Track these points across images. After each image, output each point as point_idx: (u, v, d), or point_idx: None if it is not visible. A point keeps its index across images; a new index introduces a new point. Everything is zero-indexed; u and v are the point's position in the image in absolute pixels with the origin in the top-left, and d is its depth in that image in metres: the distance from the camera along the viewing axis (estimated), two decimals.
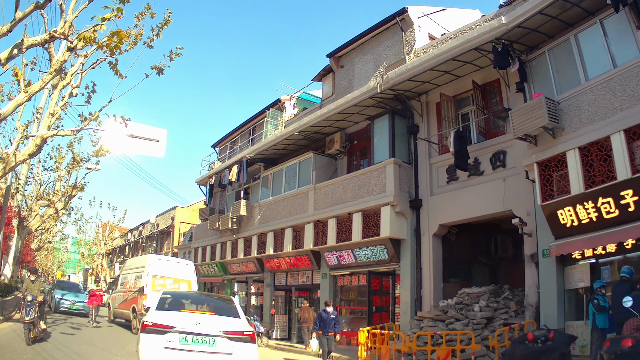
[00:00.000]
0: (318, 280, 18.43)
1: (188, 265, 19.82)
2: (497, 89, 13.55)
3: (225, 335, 7.06)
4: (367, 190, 15.53)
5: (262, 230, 21.06)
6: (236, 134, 28.31)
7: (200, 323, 7.06)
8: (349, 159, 18.64)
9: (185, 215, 38.39)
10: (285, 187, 20.25)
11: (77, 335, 14.44)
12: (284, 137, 19.68)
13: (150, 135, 13.08)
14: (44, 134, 11.74)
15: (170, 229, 38.80)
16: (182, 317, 7.30)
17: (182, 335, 6.88)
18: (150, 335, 6.89)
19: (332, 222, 16.62)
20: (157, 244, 41.53)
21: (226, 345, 7.02)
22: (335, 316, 12.52)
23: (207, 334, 6.99)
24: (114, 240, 54.26)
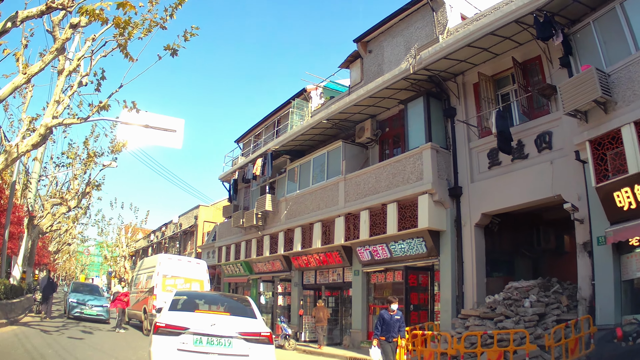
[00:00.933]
0: (349, 278, 17.96)
1: (200, 264, 20.11)
2: (539, 66, 12.96)
3: (242, 336, 7.00)
4: (403, 178, 14.95)
5: (289, 226, 20.69)
6: (260, 127, 28.08)
7: (216, 324, 7.00)
8: (381, 148, 18.15)
9: (208, 214, 38.38)
10: (313, 179, 19.87)
11: (86, 339, 13.72)
12: (310, 127, 19.26)
13: (167, 125, 12.91)
14: (49, 122, 11.51)
15: (193, 229, 38.91)
16: (197, 317, 7.26)
17: (197, 336, 6.83)
18: (163, 337, 6.82)
19: (365, 214, 16.06)
20: (181, 244, 41.71)
21: (242, 347, 6.95)
22: (400, 317, 10.44)
23: (222, 336, 6.92)
24: (137, 242, 54.48)
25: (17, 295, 17.84)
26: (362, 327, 16.84)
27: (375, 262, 16.32)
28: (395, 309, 10.36)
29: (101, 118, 14.41)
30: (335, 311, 19.50)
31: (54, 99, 12.21)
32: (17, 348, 10.61)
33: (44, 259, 35.09)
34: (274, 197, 22.25)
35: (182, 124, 13.15)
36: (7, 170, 15.29)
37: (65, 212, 22.34)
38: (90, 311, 20.26)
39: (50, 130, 12.13)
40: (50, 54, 9.83)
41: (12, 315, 15.80)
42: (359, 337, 16.80)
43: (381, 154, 17.89)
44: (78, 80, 12.94)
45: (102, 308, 20.92)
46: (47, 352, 10.44)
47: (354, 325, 17.25)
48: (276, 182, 23.51)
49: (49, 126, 11.59)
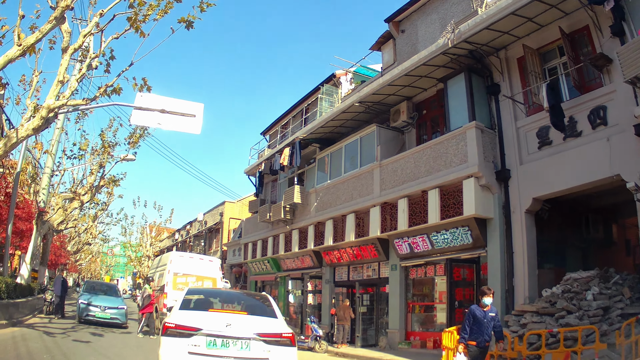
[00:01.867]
0: (386, 273, 17.09)
1: (213, 262, 20.22)
2: (587, 37, 12.03)
3: (261, 337, 6.49)
4: (445, 162, 14.05)
5: (319, 219, 19.95)
6: (287, 117, 27.53)
7: (232, 324, 6.49)
8: (418, 132, 17.31)
9: (234, 211, 38.03)
10: (345, 167, 19.05)
11: (93, 343, 12.56)
12: (341, 111, 18.46)
13: (186, 110, 12.31)
14: (51, 104, 10.82)
15: (219, 226, 38.59)
16: (210, 317, 6.79)
17: (210, 338, 6.33)
18: (173, 338, 6.35)
19: (403, 202, 15.17)
20: (206, 242, 41.53)
21: (262, 350, 6.46)
22: (495, 314, 8.40)
23: (239, 337, 6.42)
24: (161, 241, 54.56)
25: (24, 295, 17.34)
26: (400, 327, 15.91)
27: (415, 255, 15.37)
28: (490, 303, 8.35)
29: (113, 103, 13.85)
30: (370, 310, 18.59)
31: (58, 78, 11.57)
32: (9, 352, 9.75)
33: (61, 258, 35.06)
34: (302, 188, 21.53)
35: (201, 109, 12.61)
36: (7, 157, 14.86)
37: (78, 206, 21.68)
38: (103, 314, 17.70)
39: (55, 113, 11.57)
40: (49, 24, 9.18)
41: (16, 316, 15.23)
42: (396, 337, 15.86)
43: (418, 139, 16.99)
44: (87, 62, 12.36)
45: (117, 310, 18.16)
46: (42, 357, 9.55)
47: (391, 324, 16.33)
48: (305, 173, 22.88)
49: (51, 108, 10.89)
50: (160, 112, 12.15)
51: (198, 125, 12.45)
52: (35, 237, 18.70)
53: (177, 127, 12.46)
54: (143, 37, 11.19)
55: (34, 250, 18.78)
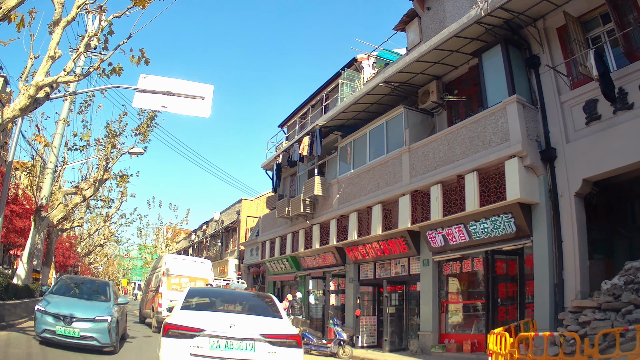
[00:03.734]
0: (417, 270, 15.97)
1: (205, 263, 21.57)
2: (632, 2, 10.89)
3: (266, 339, 6.41)
4: (483, 141, 12.92)
5: (342, 212, 18.92)
6: (306, 107, 26.66)
7: (236, 325, 6.39)
8: (449, 114, 16.23)
9: (252, 208, 37.40)
10: (370, 154, 18.03)
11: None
12: (365, 93, 17.40)
13: (193, 92, 11.92)
14: (40, 80, 10.13)
15: (235, 225, 38.01)
16: (213, 318, 6.73)
17: (214, 339, 6.21)
18: (175, 339, 6.20)
19: (436, 189, 14.03)
20: (222, 242, 41.11)
21: (267, 351, 6.37)
22: None
23: (244, 338, 6.32)
24: (178, 243, 54.13)
25: (20, 297, 16.46)
26: (433, 329, 14.72)
27: (450, 249, 14.17)
28: None
29: (114, 86, 13.28)
30: (399, 310, 17.41)
31: (49, 54, 10.78)
32: None
33: (70, 260, 34.54)
34: (323, 179, 20.55)
35: (210, 90, 12.11)
36: None
37: (80, 202, 20.56)
38: (67, 329, 10.51)
39: (47, 94, 10.78)
40: None
41: (8, 319, 14.19)
42: (429, 340, 14.67)
43: (450, 121, 15.88)
44: (85, 41, 11.58)
45: (92, 324, 10.79)
46: None
47: (423, 326, 15.14)
48: (326, 163, 21.94)
49: (40, 85, 10.15)
50: (165, 95, 11.69)
51: (207, 108, 11.98)
52: (33, 234, 17.75)
53: (184, 110, 12.04)
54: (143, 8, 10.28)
55: (32, 248, 17.79)
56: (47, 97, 10.97)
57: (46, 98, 10.94)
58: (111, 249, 59.47)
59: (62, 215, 19.57)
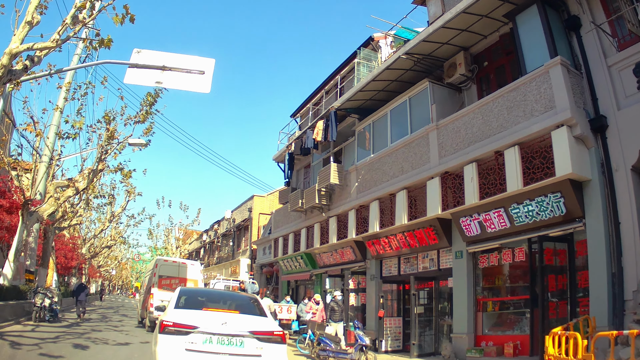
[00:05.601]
0: (448, 263, 14.52)
1: (194, 265, 22.80)
2: None
3: (254, 335, 7.06)
4: (524, 111, 11.56)
5: (361, 202, 17.69)
6: (319, 93, 25.35)
7: (227, 322, 7.03)
8: (479, 88, 14.95)
9: (264, 205, 36.64)
10: (392, 135, 16.75)
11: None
12: (385, 68, 16.06)
13: (192, 66, 11.38)
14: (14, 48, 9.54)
15: (247, 223, 37.22)
16: (206, 316, 7.29)
17: (207, 335, 6.83)
18: (170, 336, 6.78)
19: (471, 169, 12.61)
20: (234, 241, 40.34)
21: (255, 346, 7.02)
22: None
23: (234, 335, 6.95)
24: (190, 244, 53.41)
25: (5, 298, 15.52)
26: (469, 330, 13.22)
27: (487, 237, 12.67)
28: None
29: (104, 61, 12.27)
30: (428, 310, 15.94)
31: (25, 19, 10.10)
32: None
33: (72, 261, 33.61)
34: (340, 166, 19.32)
35: (211, 65, 11.54)
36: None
37: (72, 195, 19.23)
38: None
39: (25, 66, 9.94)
40: None
41: None
42: (463, 343, 13.16)
43: (480, 96, 14.50)
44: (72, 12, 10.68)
45: None
46: None
47: (456, 327, 13.65)
48: (342, 150, 20.77)
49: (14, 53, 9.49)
50: (161, 70, 11.11)
51: (207, 83, 11.53)
52: (20, 230, 16.55)
53: (181, 86, 11.54)
54: None
55: (19, 245, 16.60)
56: (25, 70, 10.23)
57: (24, 71, 10.20)
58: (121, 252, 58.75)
59: (52, 210, 18.37)
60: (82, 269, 42.42)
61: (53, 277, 29.51)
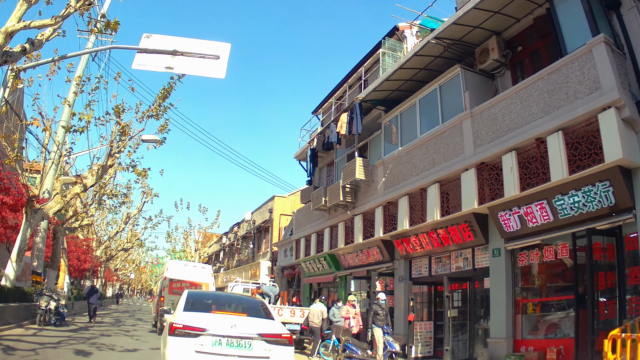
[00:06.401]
0: (484, 262, 13.91)
1: (205, 268, 23.84)
2: None
3: (263, 337, 7.31)
4: (566, 94, 10.98)
5: (389, 198, 17.19)
6: (342, 88, 25.10)
7: (236, 325, 7.30)
8: (514, 74, 14.47)
9: (285, 206, 36.53)
10: (422, 127, 16.24)
11: None
12: (413, 54, 15.54)
13: (206, 51, 11.21)
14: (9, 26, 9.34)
15: (268, 224, 37.17)
16: (215, 318, 7.62)
17: (216, 338, 7.10)
18: (180, 338, 7.03)
19: (509, 158, 12.07)
20: (255, 244, 40.41)
21: (263, 349, 7.26)
22: None
23: (243, 337, 7.21)
24: (210, 247, 53.49)
25: (7, 300, 15.30)
26: (507, 334, 12.57)
27: (528, 233, 12.07)
28: None
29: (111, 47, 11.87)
30: (462, 313, 15.34)
31: None
32: None
33: (85, 264, 33.58)
34: (366, 160, 18.87)
35: (227, 49, 11.35)
36: None
37: (80, 192, 18.46)
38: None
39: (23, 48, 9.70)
40: None
41: None
42: (501, 349, 12.51)
43: (515, 83, 13.90)
44: None
45: None
46: None
47: (494, 331, 13.01)
48: (368, 145, 20.37)
49: (10, 31, 9.29)
50: (171, 55, 10.93)
51: (222, 68, 11.21)
52: (24, 228, 16.24)
53: (194, 71, 11.37)
54: None
55: (22, 245, 16.26)
56: (23, 52, 10.00)
57: (22, 53, 9.99)
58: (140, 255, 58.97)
59: (59, 207, 17.86)
60: (97, 271, 42.50)
61: (65, 280, 29.40)
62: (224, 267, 49.70)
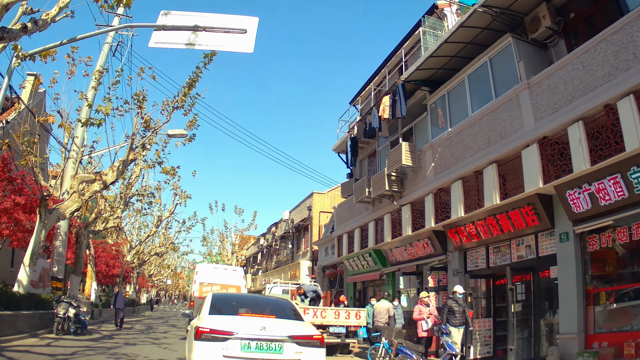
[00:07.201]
0: (549, 249, 13.15)
1: (237, 271, 24.32)
2: None
3: (293, 339, 7.29)
4: (634, 54, 10.33)
5: (440, 184, 16.68)
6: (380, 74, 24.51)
7: (266, 327, 7.27)
8: (568, 42, 13.84)
9: (324, 203, 36.51)
10: (473, 104, 15.69)
11: None
12: (459, 26, 14.93)
13: (232, 25, 10.82)
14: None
15: (307, 223, 37.17)
16: (243, 321, 7.67)
17: (245, 341, 7.09)
18: (208, 342, 7.05)
19: (576, 129, 11.32)
20: (293, 244, 40.47)
21: (294, 351, 7.25)
22: None
23: (273, 340, 7.20)
24: (247, 249, 53.79)
25: (18, 307, 14.87)
26: (578, 329, 11.75)
27: (599, 213, 11.29)
28: None
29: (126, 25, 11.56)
30: (526, 306, 14.65)
31: None
32: None
33: (114, 269, 33.70)
34: (412, 145, 18.39)
35: (254, 23, 10.97)
36: None
37: (99, 189, 17.80)
38: None
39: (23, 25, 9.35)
40: None
41: None
42: (572, 346, 11.72)
43: (570, 51, 13.18)
44: None
45: None
46: None
47: (563, 326, 12.23)
48: (413, 130, 20.03)
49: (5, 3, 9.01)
50: (192, 31, 10.63)
51: (250, 42, 10.85)
52: (38, 230, 15.80)
53: (219, 46, 11.16)
54: None
55: (36, 247, 15.80)
56: (24, 31, 9.48)
57: (22, 31, 9.47)
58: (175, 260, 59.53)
59: (76, 207, 17.25)
60: (127, 277, 42.82)
61: (92, 286, 29.43)
62: (262, 270, 49.90)
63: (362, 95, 26.77)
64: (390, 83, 21.68)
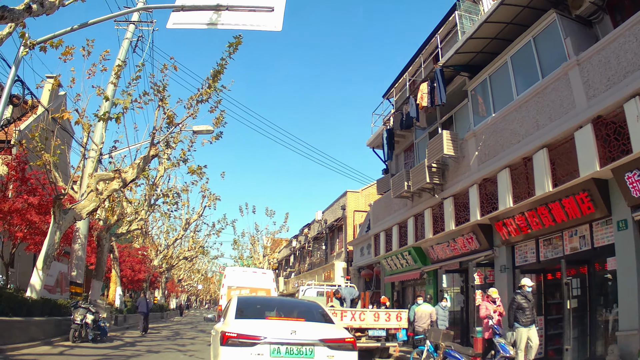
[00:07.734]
0: (606, 239, 12.59)
1: (266, 274, 24.72)
2: None
3: (325, 343, 7.28)
4: None
5: (485, 174, 16.31)
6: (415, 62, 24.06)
7: (296, 331, 7.25)
8: (613, 18, 13.49)
9: (359, 202, 36.33)
10: (517, 87, 15.37)
11: None
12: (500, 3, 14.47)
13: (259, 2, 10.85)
14: None
15: (341, 223, 37.07)
16: (272, 325, 7.70)
17: (275, 346, 7.05)
18: (235, 348, 7.02)
19: (634, 105, 10.76)
20: (327, 244, 40.46)
21: (325, 355, 7.26)
22: None
23: (304, 344, 7.19)
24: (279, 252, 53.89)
25: (30, 313, 14.55)
26: None
27: None
28: None
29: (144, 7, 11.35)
30: (581, 302, 14.00)
31: None
32: None
33: (140, 274, 33.75)
34: (454, 134, 18.05)
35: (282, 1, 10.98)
36: None
37: (119, 187, 17.39)
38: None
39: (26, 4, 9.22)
40: None
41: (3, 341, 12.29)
42: (635, 343, 11.08)
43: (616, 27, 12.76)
44: None
45: None
46: None
47: (623, 323, 11.64)
48: (453, 119, 19.66)
49: None
50: (214, 10, 10.74)
51: (278, 20, 10.88)
52: (52, 231, 15.51)
53: (243, 24, 11.07)
54: None
55: (50, 250, 15.54)
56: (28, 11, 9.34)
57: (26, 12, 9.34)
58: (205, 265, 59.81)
59: (94, 207, 16.79)
60: (155, 282, 42.99)
61: (117, 291, 29.47)
62: (295, 272, 50.01)
63: (397, 86, 26.40)
64: (426, 71, 21.33)
